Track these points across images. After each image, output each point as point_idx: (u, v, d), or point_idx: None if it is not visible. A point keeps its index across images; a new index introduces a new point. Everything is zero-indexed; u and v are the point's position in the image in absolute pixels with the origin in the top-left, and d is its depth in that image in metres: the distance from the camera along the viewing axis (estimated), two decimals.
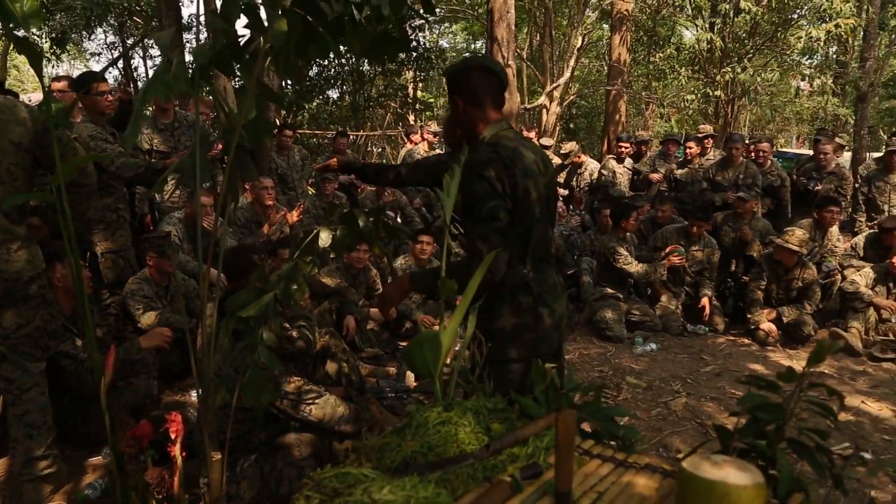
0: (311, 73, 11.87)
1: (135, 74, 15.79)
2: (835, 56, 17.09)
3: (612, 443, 1.64)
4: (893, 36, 20.83)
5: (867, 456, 3.39)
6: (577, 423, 1.71)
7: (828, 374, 4.56)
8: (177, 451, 2.08)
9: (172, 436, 2.07)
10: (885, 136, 9.95)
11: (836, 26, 9.98)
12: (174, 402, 3.68)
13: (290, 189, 6.38)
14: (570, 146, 7.82)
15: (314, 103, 12.03)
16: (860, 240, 5.83)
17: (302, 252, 1.90)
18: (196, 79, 1.62)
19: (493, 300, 1.97)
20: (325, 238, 1.94)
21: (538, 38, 15.73)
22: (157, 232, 4.46)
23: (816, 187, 6.16)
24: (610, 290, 5.50)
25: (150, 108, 4.83)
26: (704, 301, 5.52)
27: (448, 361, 1.68)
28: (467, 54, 27.03)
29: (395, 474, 1.30)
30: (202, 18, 10.37)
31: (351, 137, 11.21)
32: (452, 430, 1.52)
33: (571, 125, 17.81)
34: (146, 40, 14.85)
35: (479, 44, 24.34)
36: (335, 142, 7.31)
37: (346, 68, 12.44)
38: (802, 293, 5.30)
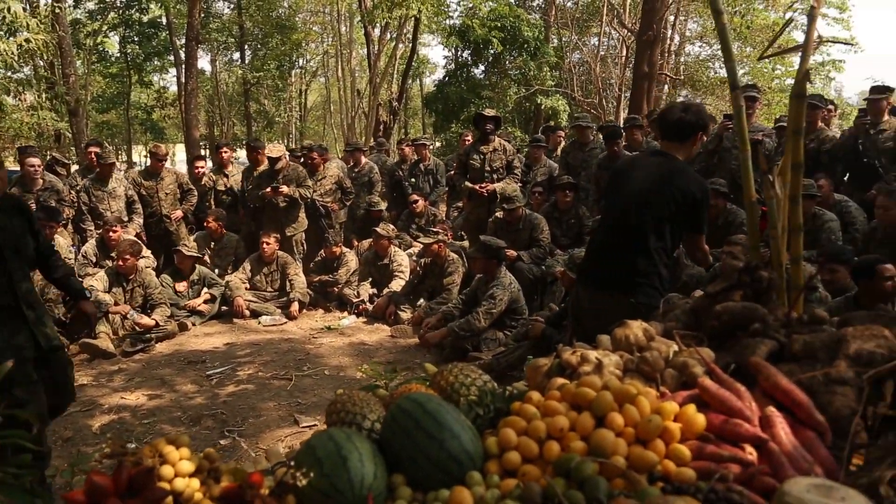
0: None
1: None
2: (44, 72, 16.83)
3: None
4: (93, 55, 22.13)
5: (132, 446, 3.60)
6: None
7: (86, 383, 4.60)
8: None
9: None
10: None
11: (27, 41, 9.86)
12: None
13: None
14: None
15: None
16: (89, 248, 6.05)
17: None
18: None
19: None
20: None
21: None
22: None
23: (31, 201, 6.06)
24: None
25: None
26: None
27: None
28: None
29: None
30: None
31: None
32: None
33: None
34: None
35: None
36: None
37: None
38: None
